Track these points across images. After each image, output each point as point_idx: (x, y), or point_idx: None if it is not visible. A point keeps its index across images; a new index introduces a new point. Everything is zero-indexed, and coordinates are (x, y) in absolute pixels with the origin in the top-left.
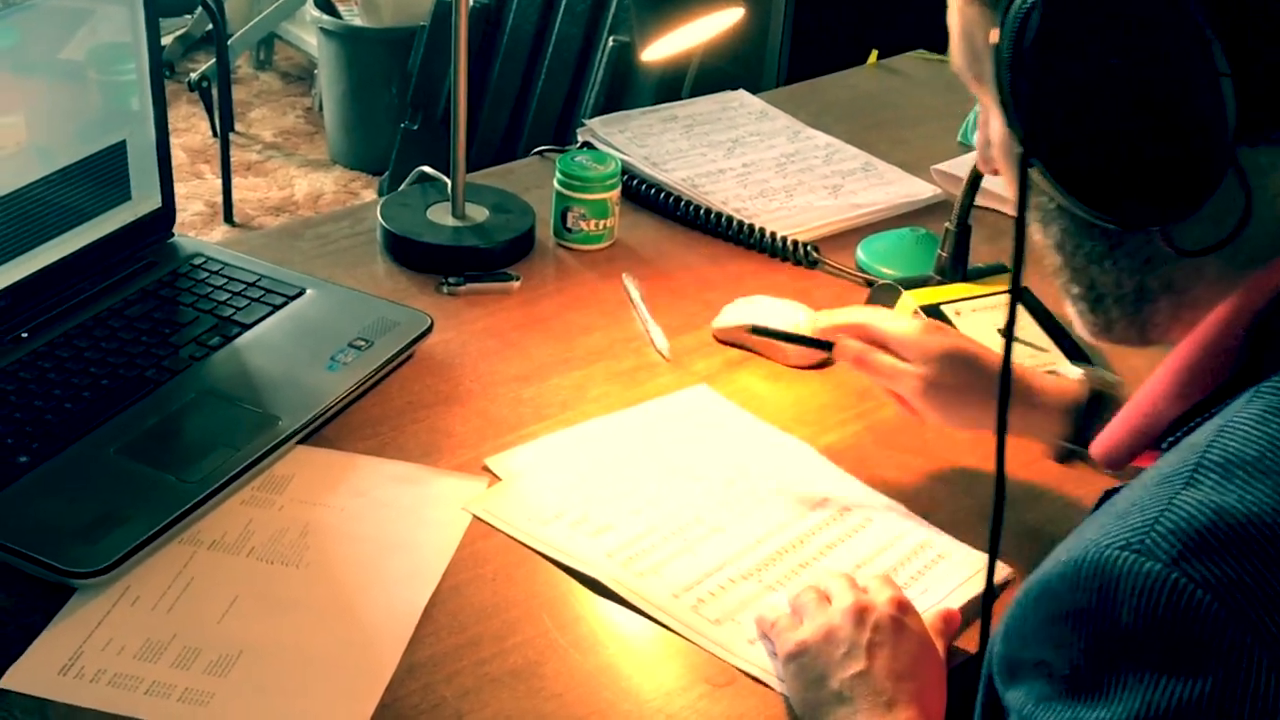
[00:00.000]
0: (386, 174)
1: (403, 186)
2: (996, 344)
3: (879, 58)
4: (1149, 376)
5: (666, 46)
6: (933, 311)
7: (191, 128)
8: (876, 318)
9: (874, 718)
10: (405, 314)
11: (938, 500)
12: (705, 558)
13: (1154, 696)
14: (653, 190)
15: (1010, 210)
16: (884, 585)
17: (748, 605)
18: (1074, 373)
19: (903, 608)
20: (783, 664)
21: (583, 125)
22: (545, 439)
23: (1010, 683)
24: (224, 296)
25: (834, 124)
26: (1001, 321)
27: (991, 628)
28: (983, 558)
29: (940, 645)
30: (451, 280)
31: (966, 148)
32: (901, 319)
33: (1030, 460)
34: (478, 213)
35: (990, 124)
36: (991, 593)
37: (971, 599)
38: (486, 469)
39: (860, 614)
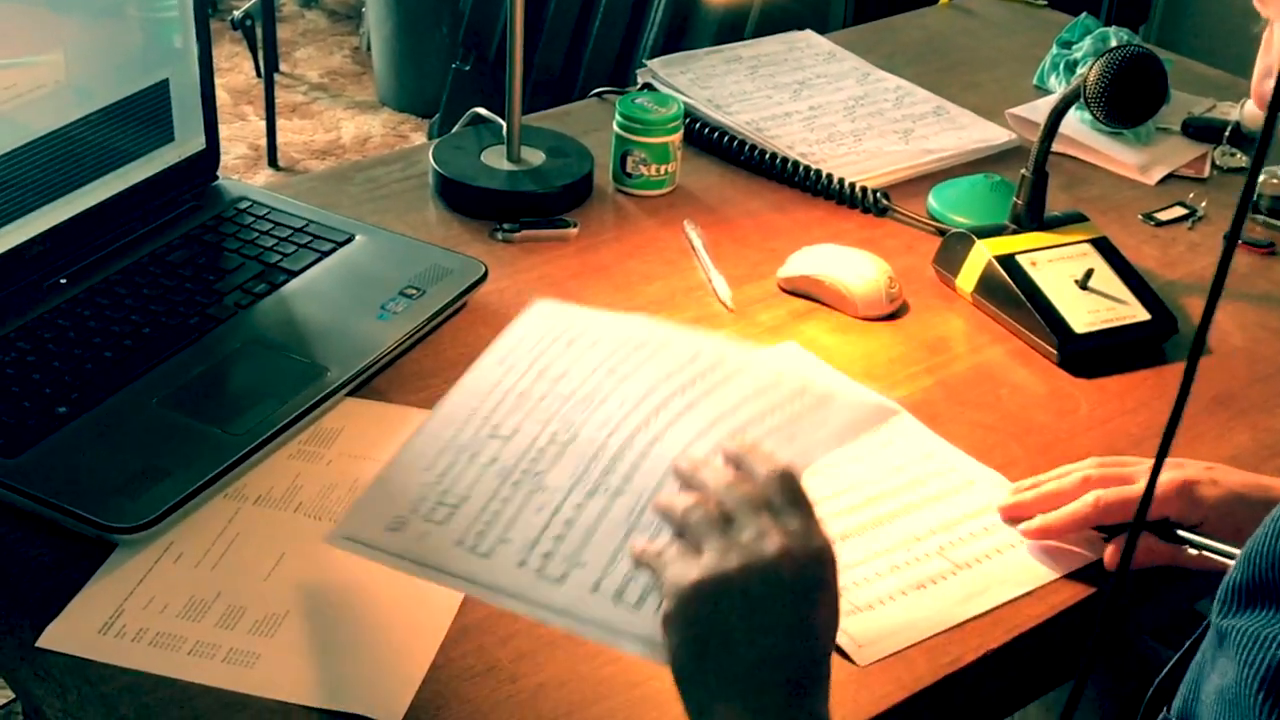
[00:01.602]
0: (437, 116)
1: (456, 128)
2: (1075, 295)
3: None
4: None
5: None
6: (1007, 261)
7: (235, 68)
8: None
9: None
10: (458, 261)
11: (1011, 458)
12: None
13: None
14: (716, 134)
15: (1088, 157)
16: (789, 499)
17: None
18: None
19: (821, 551)
20: (668, 608)
21: (643, 66)
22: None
23: (1242, 609)
24: (270, 242)
25: (905, 66)
26: (1080, 272)
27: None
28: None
29: None
30: (506, 227)
31: (1042, 91)
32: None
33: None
34: (534, 156)
35: None
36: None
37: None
38: None
39: (786, 555)
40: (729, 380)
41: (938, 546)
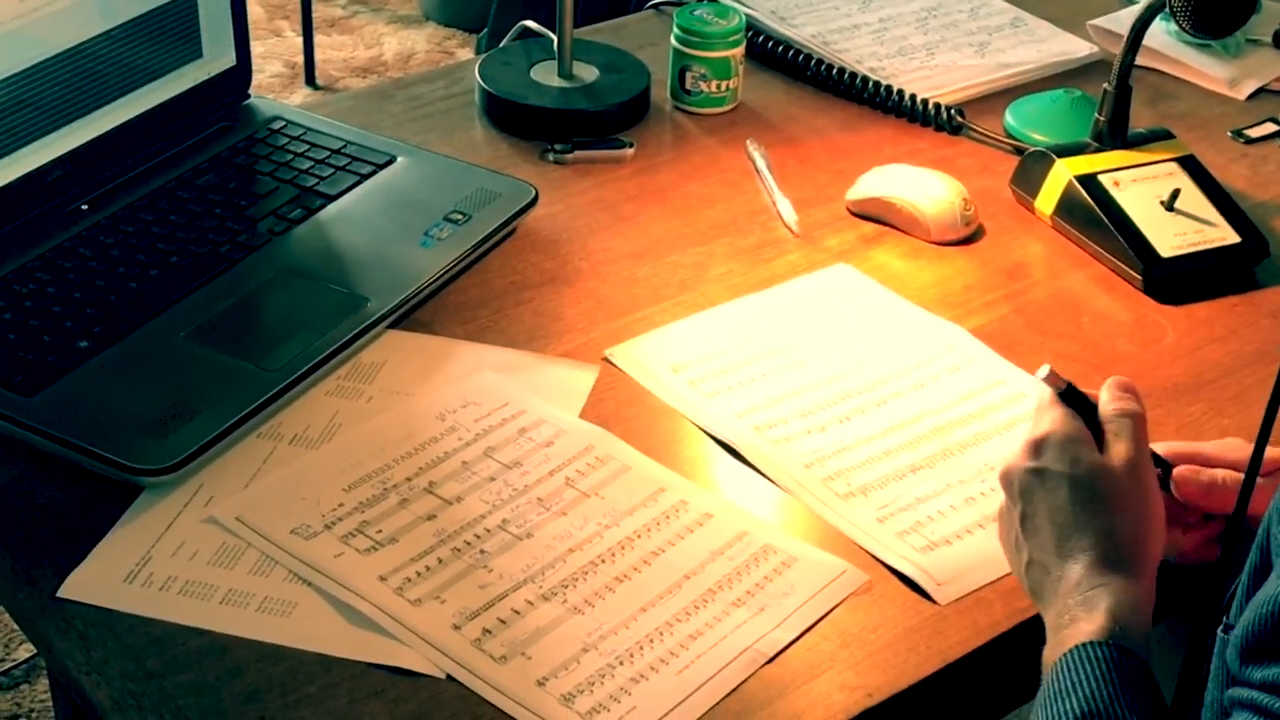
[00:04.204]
0: (484, 31)
1: (504, 43)
2: (1161, 217)
3: None
4: None
5: None
6: (1089, 181)
7: None
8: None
9: (1077, 629)
10: (507, 184)
11: (1094, 389)
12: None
13: None
14: (780, 48)
15: (1173, 71)
16: (1019, 441)
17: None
18: None
19: (1036, 449)
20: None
21: None
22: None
23: None
24: (306, 164)
25: None
26: (1165, 192)
27: None
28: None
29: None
30: (558, 147)
31: (1125, 0)
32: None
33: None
34: (587, 72)
35: None
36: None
37: None
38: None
39: (1004, 486)
40: (692, 531)
41: None
